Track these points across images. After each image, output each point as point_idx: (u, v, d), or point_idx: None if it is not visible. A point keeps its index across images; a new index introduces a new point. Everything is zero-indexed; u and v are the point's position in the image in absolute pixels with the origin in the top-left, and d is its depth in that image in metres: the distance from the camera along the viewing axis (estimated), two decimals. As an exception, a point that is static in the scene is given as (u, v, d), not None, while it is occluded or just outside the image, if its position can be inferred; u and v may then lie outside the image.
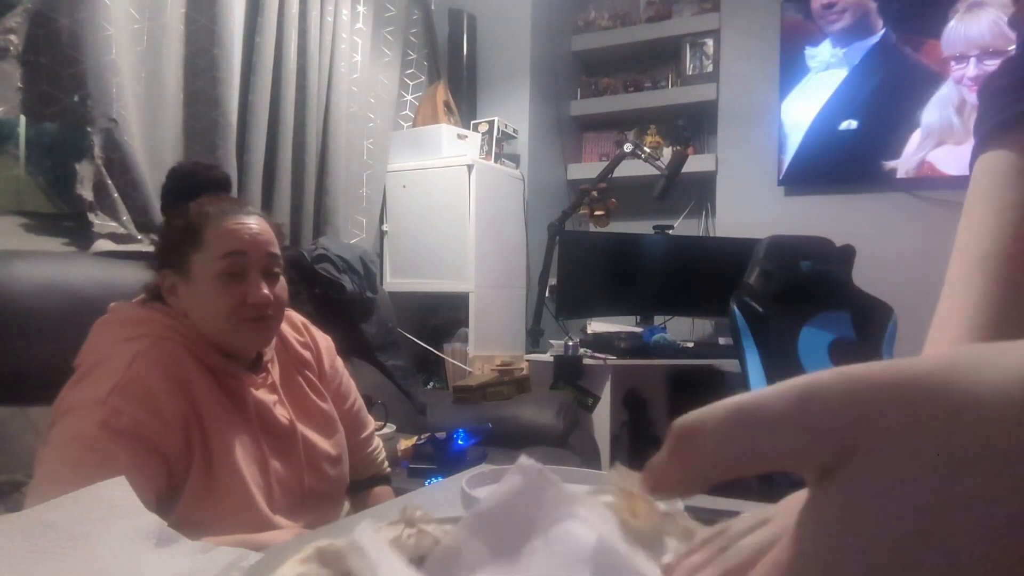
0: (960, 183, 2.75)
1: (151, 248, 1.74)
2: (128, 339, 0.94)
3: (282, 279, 1.05)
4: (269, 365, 1.08)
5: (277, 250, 1.04)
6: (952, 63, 2.74)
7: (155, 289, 1.03)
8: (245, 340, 1.01)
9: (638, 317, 3.11)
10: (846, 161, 2.92)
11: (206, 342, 0.99)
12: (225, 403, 0.98)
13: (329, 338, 1.22)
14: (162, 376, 0.91)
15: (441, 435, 1.83)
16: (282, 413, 1.06)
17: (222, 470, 0.93)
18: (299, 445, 1.05)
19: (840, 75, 2.94)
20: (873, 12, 2.88)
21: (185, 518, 0.86)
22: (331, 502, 1.12)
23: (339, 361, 1.22)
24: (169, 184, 1.08)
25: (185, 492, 0.90)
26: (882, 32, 2.87)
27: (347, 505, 1.20)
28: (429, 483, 1.46)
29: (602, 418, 2.59)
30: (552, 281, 2.82)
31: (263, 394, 1.04)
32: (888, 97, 2.86)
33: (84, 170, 1.75)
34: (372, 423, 1.31)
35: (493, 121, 3.02)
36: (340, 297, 2.19)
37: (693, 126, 3.39)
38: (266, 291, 1.00)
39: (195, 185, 1.05)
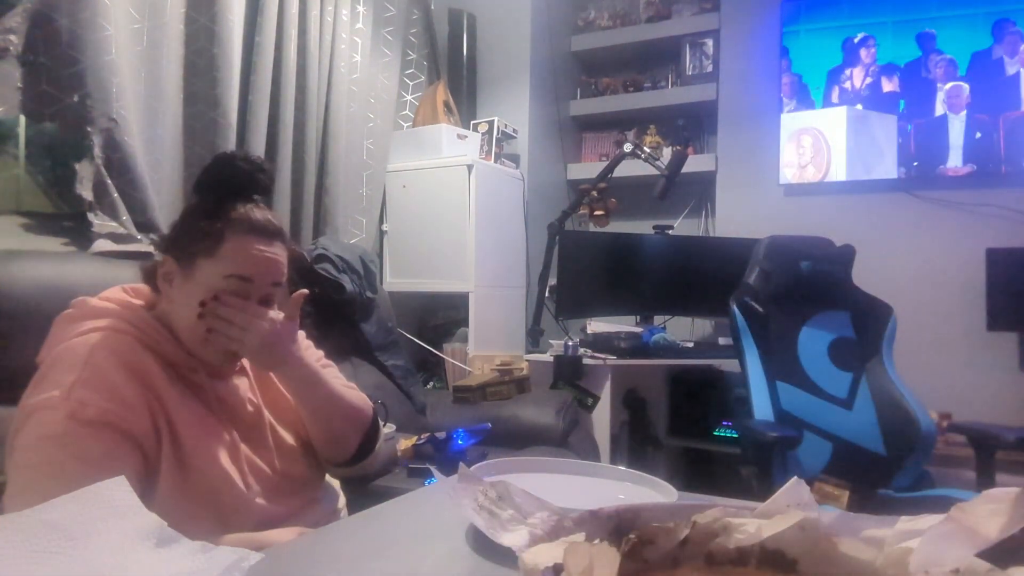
0: (959, 183, 2.75)
1: (151, 248, 1.75)
2: (82, 333, 0.93)
3: (275, 306, 1.03)
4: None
5: (283, 279, 1.03)
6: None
7: (151, 270, 1.02)
8: (213, 359, 1.00)
9: (638, 317, 3.11)
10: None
11: (167, 337, 0.98)
12: (187, 393, 0.97)
13: (301, 331, 1.20)
14: (120, 366, 0.90)
15: (441, 435, 1.83)
16: (249, 398, 1.06)
17: (193, 453, 0.93)
18: (267, 430, 1.05)
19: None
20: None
21: (165, 505, 0.86)
22: (311, 488, 1.10)
23: (314, 351, 1.19)
24: (212, 170, 1.02)
25: (160, 477, 0.90)
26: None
27: (343, 498, 1.20)
28: (429, 483, 1.46)
29: (602, 418, 2.59)
30: (552, 281, 2.82)
31: (232, 379, 1.05)
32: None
33: (84, 170, 1.75)
34: None
35: (493, 121, 3.02)
36: (340, 297, 2.18)
37: (693, 126, 3.39)
38: None
39: (238, 184, 1.01)
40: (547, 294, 2.83)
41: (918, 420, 1.89)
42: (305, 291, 1.07)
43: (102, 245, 1.73)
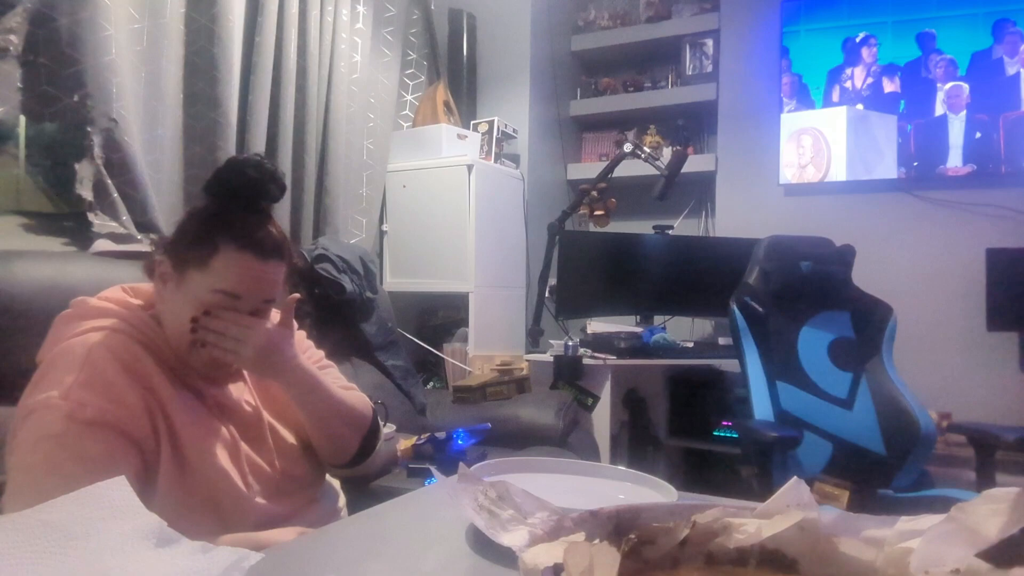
0: (959, 183, 2.75)
1: (150, 248, 1.75)
2: (81, 333, 0.93)
3: (269, 315, 1.02)
4: None
5: (276, 296, 1.01)
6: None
7: (151, 267, 1.01)
8: (201, 367, 1.00)
9: (638, 317, 3.11)
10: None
11: (165, 338, 0.98)
12: (186, 393, 0.97)
13: (302, 332, 1.20)
14: (119, 367, 0.90)
15: (441, 435, 1.83)
16: (247, 400, 1.05)
17: (192, 453, 0.93)
18: (266, 430, 1.05)
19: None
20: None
21: (164, 505, 0.86)
22: (311, 488, 1.10)
23: (314, 352, 1.20)
24: (221, 175, 0.98)
25: (159, 477, 0.90)
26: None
27: (343, 498, 1.20)
28: (429, 483, 1.46)
29: (602, 418, 2.59)
30: (552, 281, 2.82)
31: (228, 384, 1.04)
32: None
33: (84, 170, 1.75)
34: None
35: (493, 121, 3.02)
36: (340, 297, 2.18)
37: (693, 126, 3.39)
38: None
39: (245, 193, 0.97)
40: (547, 294, 2.83)
41: (918, 420, 1.89)
42: (297, 295, 1.06)
43: (102, 245, 1.73)
